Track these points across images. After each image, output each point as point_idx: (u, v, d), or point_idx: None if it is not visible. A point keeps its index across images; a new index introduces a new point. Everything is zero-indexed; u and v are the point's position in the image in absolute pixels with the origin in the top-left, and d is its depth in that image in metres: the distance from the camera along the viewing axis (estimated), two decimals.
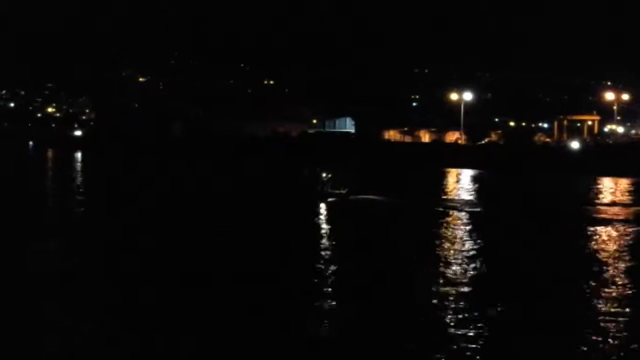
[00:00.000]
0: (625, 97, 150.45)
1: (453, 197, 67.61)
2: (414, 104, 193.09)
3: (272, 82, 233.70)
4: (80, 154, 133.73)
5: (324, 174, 60.50)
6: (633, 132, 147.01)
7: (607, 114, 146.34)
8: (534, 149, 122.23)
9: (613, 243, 40.15)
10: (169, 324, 23.24)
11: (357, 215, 51.70)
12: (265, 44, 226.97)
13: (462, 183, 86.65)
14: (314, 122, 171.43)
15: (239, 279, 29.92)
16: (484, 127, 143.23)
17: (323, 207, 54.52)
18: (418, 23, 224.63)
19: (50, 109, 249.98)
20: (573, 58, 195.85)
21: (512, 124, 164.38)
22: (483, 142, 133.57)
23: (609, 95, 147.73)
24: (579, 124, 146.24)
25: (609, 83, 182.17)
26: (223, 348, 21.34)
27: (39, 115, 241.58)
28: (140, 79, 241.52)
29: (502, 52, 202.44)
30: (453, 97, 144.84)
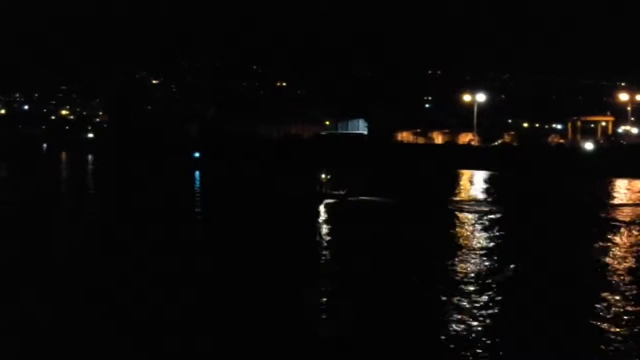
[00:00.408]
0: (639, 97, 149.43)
1: (461, 198, 67.08)
2: (427, 105, 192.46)
3: (284, 84, 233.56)
4: (92, 157, 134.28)
5: (323, 175, 60.56)
6: None
7: (621, 115, 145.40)
8: (548, 150, 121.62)
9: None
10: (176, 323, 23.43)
11: (353, 217, 51.74)
12: (278, 46, 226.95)
13: (473, 184, 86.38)
14: (327, 123, 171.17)
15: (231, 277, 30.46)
16: (498, 128, 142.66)
17: (321, 208, 54.54)
18: (431, 24, 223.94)
19: (64, 112, 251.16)
20: (587, 59, 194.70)
21: (525, 125, 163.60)
22: (496, 143, 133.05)
23: (623, 96, 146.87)
24: (593, 125, 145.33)
25: (623, 84, 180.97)
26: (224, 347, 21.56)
27: (53, 118, 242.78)
28: (154, 81, 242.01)
29: (515, 53, 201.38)
30: (466, 98, 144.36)
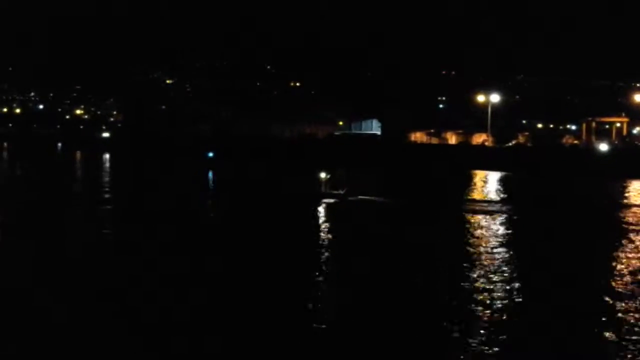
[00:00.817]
0: None
1: (469, 198, 66.74)
2: (441, 106, 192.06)
3: (298, 84, 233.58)
4: (108, 156, 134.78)
5: (323, 175, 60.72)
6: None
7: (636, 116, 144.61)
8: (562, 151, 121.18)
9: None
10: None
11: (349, 216, 51.94)
12: (292, 46, 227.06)
13: (484, 184, 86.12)
14: (340, 124, 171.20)
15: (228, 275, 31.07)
16: (512, 129, 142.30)
17: (318, 208, 54.67)
18: (446, 24, 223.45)
19: (79, 111, 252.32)
20: (601, 59, 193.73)
21: (539, 126, 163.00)
22: (510, 144, 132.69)
23: (638, 97, 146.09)
24: (608, 126, 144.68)
25: (638, 85, 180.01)
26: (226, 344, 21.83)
27: (68, 117, 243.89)
28: (168, 81, 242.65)
29: (529, 53, 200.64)
30: (480, 99, 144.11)
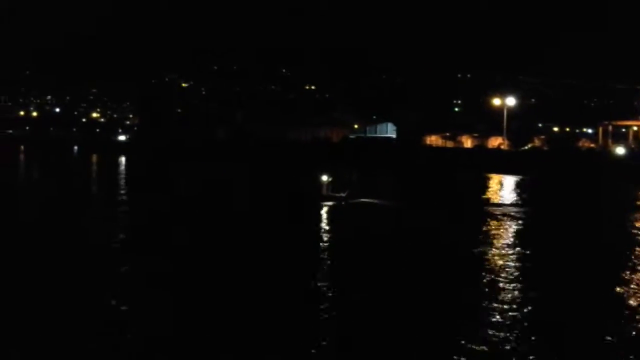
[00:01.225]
0: None
1: (479, 201, 66.25)
2: (456, 109, 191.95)
3: (313, 87, 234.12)
4: (124, 159, 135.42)
5: (325, 178, 60.83)
6: None
7: None
8: (579, 155, 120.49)
9: None
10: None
11: (347, 218, 52.01)
12: (307, 50, 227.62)
13: (499, 188, 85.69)
14: (356, 127, 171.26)
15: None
16: (527, 132, 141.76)
17: (320, 209, 54.77)
18: (461, 28, 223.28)
19: (95, 114, 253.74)
20: (618, 63, 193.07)
21: (555, 130, 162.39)
22: (526, 147, 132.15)
23: None
24: (624, 130, 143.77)
25: None
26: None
27: (84, 120, 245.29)
28: (183, 84, 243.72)
29: (546, 57, 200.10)
30: (496, 102, 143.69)
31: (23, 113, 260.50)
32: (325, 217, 52.02)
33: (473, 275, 31.88)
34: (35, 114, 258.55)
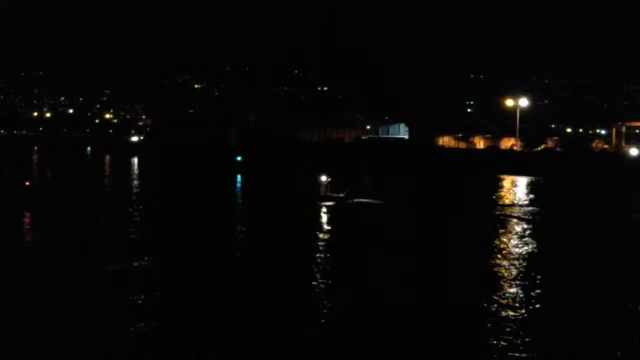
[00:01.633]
0: None
1: (481, 202, 65.99)
2: (469, 110, 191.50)
3: (325, 88, 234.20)
4: (137, 159, 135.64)
5: (324, 178, 60.86)
6: None
7: None
8: (592, 156, 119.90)
9: None
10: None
11: (344, 218, 51.96)
12: (319, 51, 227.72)
13: (510, 189, 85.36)
14: (368, 128, 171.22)
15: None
16: (541, 133, 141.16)
17: (317, 209, 54.76)
18: (474, 28, 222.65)
19: (108, 115, 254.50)
20: (632, 63, 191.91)
21: (569, 130, 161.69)
22: (539, 148, 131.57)
23: None
24: (638, 131, 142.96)
25: None
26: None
27: (97, 121, 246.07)
28: (196, 85, 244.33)
29: (559, 57, 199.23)
30: (509, 103, 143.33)
31: (37, 114, 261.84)
32: (321, 217, 51.98)
33: (473, 275, 31.73)
34: (49, 115, 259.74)
